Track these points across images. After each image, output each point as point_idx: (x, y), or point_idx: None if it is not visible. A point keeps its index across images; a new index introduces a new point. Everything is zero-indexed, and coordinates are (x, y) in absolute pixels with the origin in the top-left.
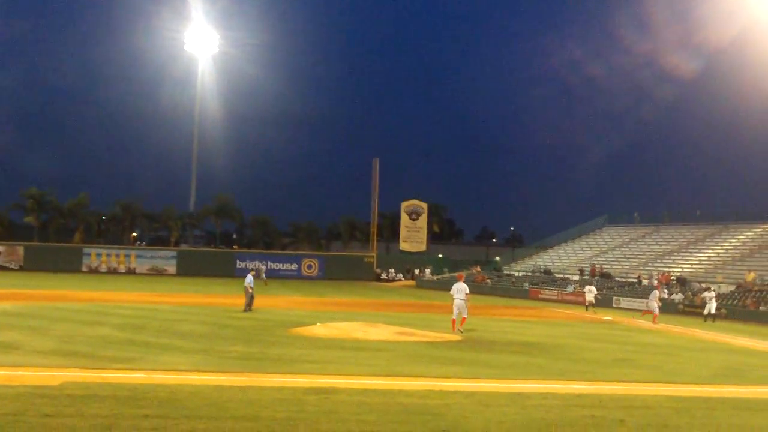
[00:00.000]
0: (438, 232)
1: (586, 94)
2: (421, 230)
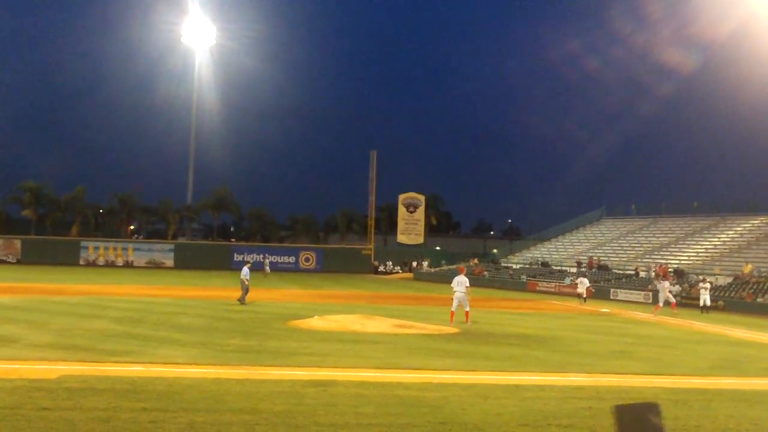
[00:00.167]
0: (435, 225)
1: (584, 87)
2: (419, 223)
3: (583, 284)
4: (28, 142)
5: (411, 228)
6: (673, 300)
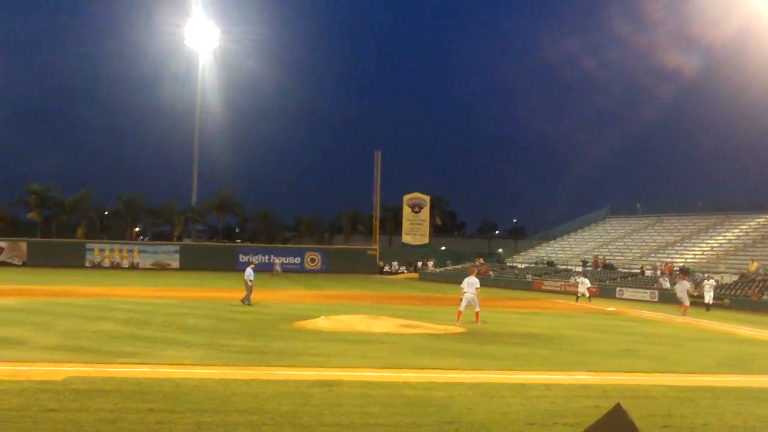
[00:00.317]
0: (440, 225)
1: (588, 87)
2: (424, 223)
3: (584, 284)
4: (33, 145)
5: (416, 228)
6: (688, 303)
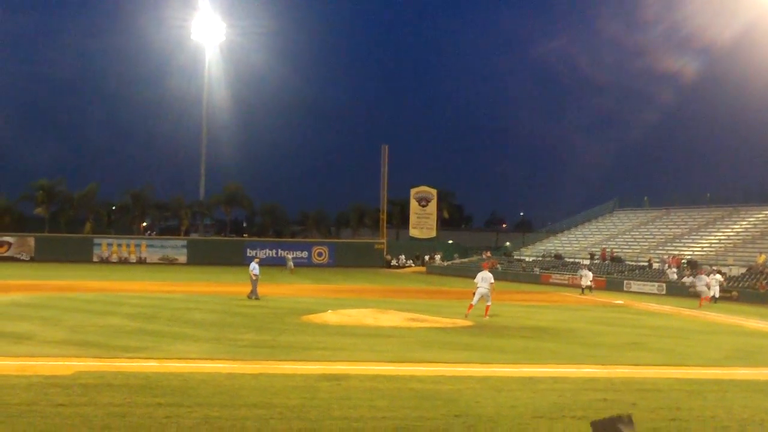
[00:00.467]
0: (447, 218)
1: (596, 81)
2: (431, 216)
3: (587, 277)
4: (40, 140)
5: (423, 222)
6: (703, 296)
